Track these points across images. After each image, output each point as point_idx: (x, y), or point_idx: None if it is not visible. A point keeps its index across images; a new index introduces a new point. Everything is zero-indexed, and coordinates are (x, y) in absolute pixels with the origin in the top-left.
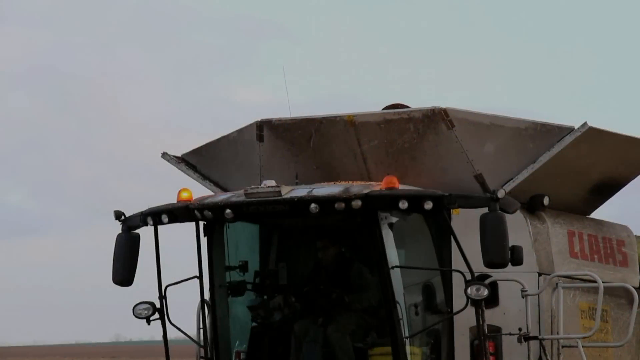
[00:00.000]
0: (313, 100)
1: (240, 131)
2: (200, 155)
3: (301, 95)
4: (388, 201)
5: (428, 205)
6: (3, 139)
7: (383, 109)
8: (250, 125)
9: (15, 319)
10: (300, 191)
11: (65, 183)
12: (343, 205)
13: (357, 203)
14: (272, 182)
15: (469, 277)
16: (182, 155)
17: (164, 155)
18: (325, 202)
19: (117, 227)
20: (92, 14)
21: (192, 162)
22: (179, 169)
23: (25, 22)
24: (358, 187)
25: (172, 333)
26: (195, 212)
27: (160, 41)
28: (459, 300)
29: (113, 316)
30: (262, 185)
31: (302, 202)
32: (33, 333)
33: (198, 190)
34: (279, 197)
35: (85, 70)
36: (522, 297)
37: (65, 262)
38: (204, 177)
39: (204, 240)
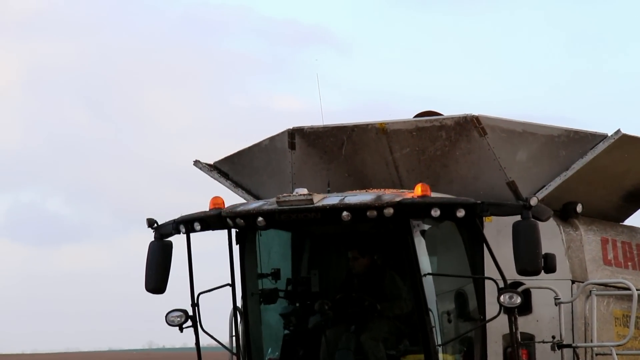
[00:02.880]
0: (353, 108)
1: (272, 139)
2: (232, 163)
3: (343, 102)
4: (420, 209)
5: (460, 213)
6: (39, 144)
7: (415, 117)
8: (282, 133)
9: (49, 325)
10: (332, 199)
11: (101, 190)
12: (375, 213)
13: (389, 211)
14: (304, 190)
15: (501, 284)
16: (214, 163)
17: (196, 163)
18: (357, 210)
19: (151, 235)
20: (133, 21)
21: (224, 170)
22: (211, 176)
23: (64, 30)
24: (390, 195)
25: (204, 340)
26: (228, 220)
27: (201, 48)
28: (491, 308)
29: (146, 323)
30: (294, 193)
31: (334, 210)
32: (66, 340)
33: (230, 198)
34: (311, 205)
35: (122, 77)
36: (556, 304)
37: (100, 269)
38: (236, 184)
39: (236, 248)
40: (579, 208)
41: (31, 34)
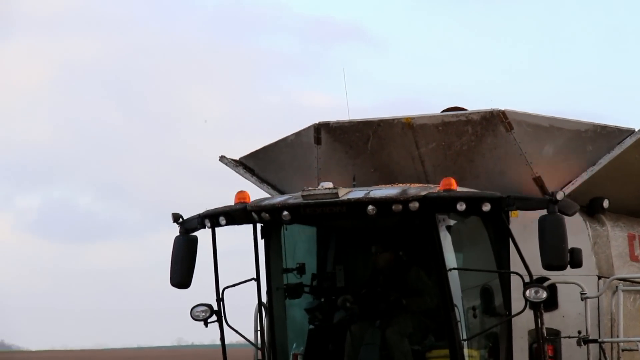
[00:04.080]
0: (385, 104)
1: (298, 134)
2: (258, 159)
3: (376, 99)
4: (446, 203)
5: (486, 207)
6: (70, 141)
7: (441, 112)
8: (308, 128)
9: (79, 322)
10: (358, 193)
11: (132, 186)
12: (400, 207)
13: (414, 205)
14: (330, 184)
15: (527, 279)
16: (240, 159)
17: (222, 158)
18: (383, 203)
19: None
20: (165, 18)
21: (250, 166)
22: (237, 172)
23: (96, 27)
24: (416, 189)
25: (231, 337)
26: (253, 214)
27: (234, 45)
28: (517, 303)
29: (175, 320)
30: (319, 187)
31: (360, 204)
32: (96, 336)
33: (256, 194)
34: (336, 199)
35: (153, 73)
36: (582, 299)
37: (130, 265)
38: (262, 180)
39: (261, 243)
40: (606, 204)
41: (63, 30)
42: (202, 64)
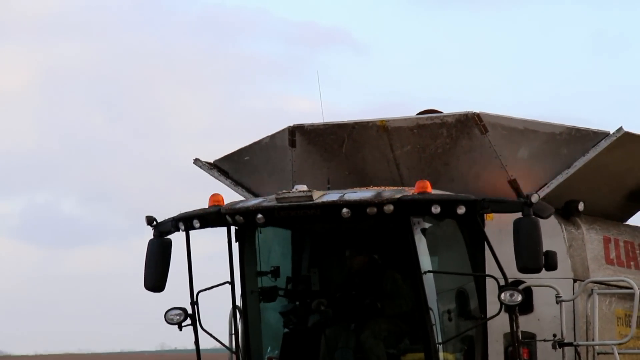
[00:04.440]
0: (369, 109)
1: (272, 137)
2: (232, 161)
3: (360, 104)
4: (420, 206)
5: (461, 210)
6: (54, 146)
7: (417, 115)
8: (283, 130)
9: (62, 327)
10: (332, 196)
11: (115, 192)
12: (375, 209)
13: (389, 208)
14: (304, 187)
15: (502, 282)
16: (214, 162)
17: (196, 161)
18: (357, 206)
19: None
20: (149, 23)
21: (224, 168)
22: (211, 175)
23: (80, 31)
24: (390, 191)
25: (207, 343)
26: (227, 217)
27: (217, 50)
28: (492, 307)
29: (158, 325)
30: (293, 189)
31: (334, 207)
32: (79, 341)
33: (231, 197)
34: (311, 202)
35: (136, 79)
36: (557, 302)
37: (114, 271)
38: (236, 183)
39: (235, 246)
40: (581, 206)
41: (46, 35)
42: (185, 68)
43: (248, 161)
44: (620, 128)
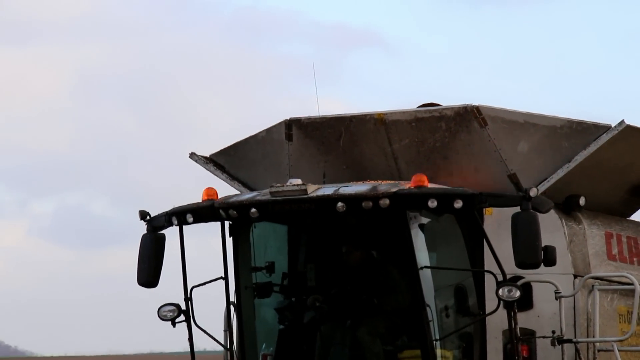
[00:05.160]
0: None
1: (268, 130)
2: (229, 155)
3: (391, 105)
4: (417, 200)
5: (458, 204)
6: (86, 147)
7: (416, 108)
8: (279, 124)
9: (92, 328)
10: (327, 190)
11: (146, 193)
12: (371, 204)
13: (385, 202)
14: (298, 181)
15: (500, 278)
16: (210, 156)
17: (192, 155)
18: (352, 200)
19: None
20: (182, 24)
21: (221, 163)
22: (207, 169)
23: (112, 33)
24: (386, 185)
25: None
26: (220, 211)
27: (250, 52)
28: (491, 303)
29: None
30: (288, 183)
31: (329, 201)
32: (108, 342)
33: (227, 192)
34: (305, 196)
35: (169, 80)
36: (556, 299)
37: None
38: (232, 177)
39: (229, 241)
40: (582, 201)
41: (78, 36)
42: (217, 69)
43: (244, 155)
44: (622, 121)
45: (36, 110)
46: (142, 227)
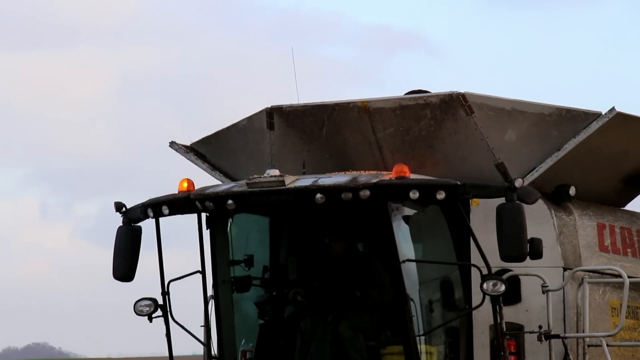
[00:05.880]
0: None
1: (250, 119)
2: (210, 145)
3: None
4: (398, 191)
5: (440, 195)
6: (128, 149)
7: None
8: (260, 112)
9: (134, 329)
10: (305, 181)
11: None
12: (350, 195)
13: (365, 193)
14: (276, 172)
15: (485, 271)
16: (191, 144)
17: (172, 144)
18: (332, 192)
19: None
20: (225, 27)
21: (202, 152)
22: (188, 158)
23: (156, 36)
24: (367, 176)
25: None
26: (196, 203)
27: (293, 54)
28: (478, 297)
29: None
30: (265, 174)
31: (307, 192)
32: (150, 344)
33: (209, 182)
34: (283, 187)
35: (212, 83)
36: (543, 292)
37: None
38: (214, 167)
39: (207, 233)
40: (572, 191)
41: (122, 39)
42: (261, 72)
43: (225, 144)
44: (613, 108)
45: (80, 114)
46: (181, 231)
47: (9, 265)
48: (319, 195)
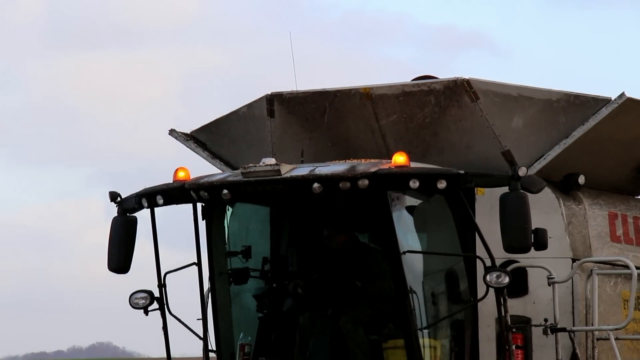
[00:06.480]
0: None
1: (250, 106)
2: (210, 132)
3: None
4: (398, 180)
5: (442, 184)
6: None
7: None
8: (260, 99)
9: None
10: (302, 170)
11: None
12: (348, 184)
13: (363, 182)
14: (272, 160)
15: (489, 263)
16: (191, 132)
17: (172, 132)
18: (329, 181)
19: None
20: (289, 27)
21: (202, 140)
22: (188, 146)
23: (219, 36)
24: (365, 164)
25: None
26: (191, 192)
27: (357, 54)
28: (483, 290)
29: None
30: (261, 163)
31: (304, 182)
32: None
33: (209, 171)
34: (279, 176)
35: (277, 81)
36: (549, 284)
37: None
38: (214, 155)
39: (202, 224)
40: (582, 180)
41: (185, 40)
42: (325, 72)
43: (226, 132)
44: (622, 94)
45: (144, 115)
46: None
47: (74, 265)
48: (316, 185)
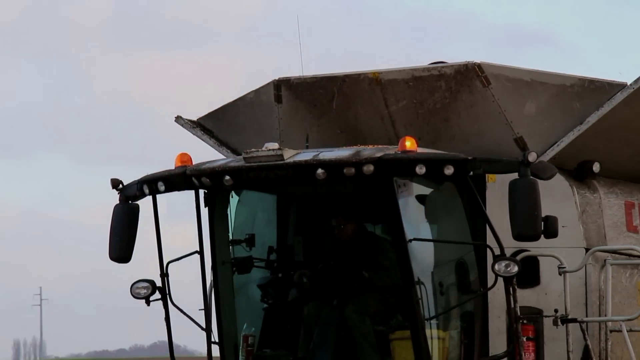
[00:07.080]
0: None
1: (257, 92)
2: (217, 119)
3: None
4: (404, 166)
5: (449, 170)
6: None
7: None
8: (267, 84)
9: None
10: (305, 155)
11: None
12: (353, 170)
13: (369, 168)
14: (275, 145)
15: (498, 252)
16: (197, 119)
17: (178, 119)
18: (333, 167)
19: None
20: (346, 24)
21: (209, 127)
22: (194, 134)
23: (277, 35)
24: (371, 150)
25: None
26: (193, 179)
27: (421, 53)
28: (493, 280)
29: None
30: (263, 148)
31: (307, 167)
32: None
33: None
34: (281, 162)
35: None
36: (559, 273)
37: None
38: (221, 142)
39: (205, 211)
40: (596, 167)
41: (248, 39)
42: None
43: (233, 119)
44: (639, 79)
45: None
46: None
47: (137, 265)
48: (320, 171)
